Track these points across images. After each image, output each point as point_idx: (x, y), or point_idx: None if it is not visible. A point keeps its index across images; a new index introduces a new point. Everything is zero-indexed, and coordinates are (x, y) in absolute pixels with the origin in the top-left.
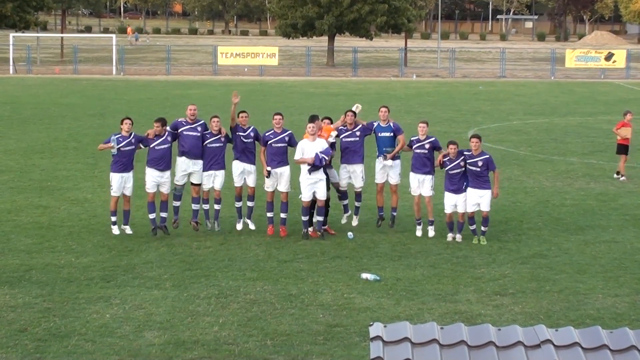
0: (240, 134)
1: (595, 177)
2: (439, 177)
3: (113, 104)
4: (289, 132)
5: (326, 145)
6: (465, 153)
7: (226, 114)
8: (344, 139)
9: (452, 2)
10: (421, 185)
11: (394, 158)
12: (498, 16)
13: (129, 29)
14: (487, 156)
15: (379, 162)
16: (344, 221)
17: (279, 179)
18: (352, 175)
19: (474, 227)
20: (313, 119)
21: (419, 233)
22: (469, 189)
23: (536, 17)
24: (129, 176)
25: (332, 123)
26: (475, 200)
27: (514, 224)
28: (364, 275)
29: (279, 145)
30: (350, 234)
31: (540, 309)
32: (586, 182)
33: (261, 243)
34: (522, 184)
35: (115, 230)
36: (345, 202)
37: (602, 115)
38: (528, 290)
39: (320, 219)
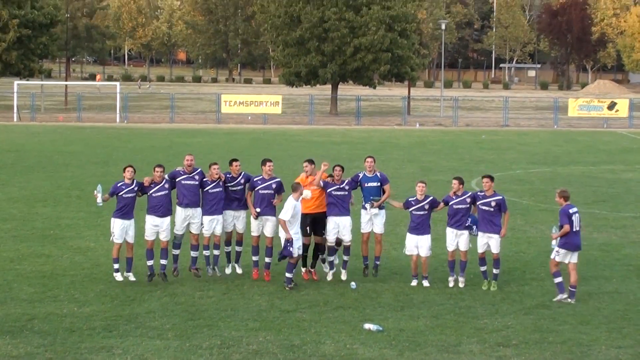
0: (229, 184)
1: (598, 227)
2: (441, 222)
3: (117, 151)
4: (277, 179)
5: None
6: (478, 193)
7: (228, 161)
8: (333, 193)
9: (455, 50)
10: (419, 245)
11: (379, 207)
12: (501, 65)
13: (98, 76)
14: (501, 197)
15: (365, 212)
16: (329, 278)
17: (265, 224)
18: (341, 229)
19: (484, 268)
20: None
21: (414, 283)
22: (479, 232)
23: (539, 65)
24: (130, 223)
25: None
26: (484, 241)
27: (517, 274)
28: (367, 326)
29: (266, 192)
30: (353, 284)
31: None
32: (589, 232)
33: (264, 293)
34: (526, 233)
35: (118, 277)
36: (332, 258)
37: (605, 165)
38: (531, 341)
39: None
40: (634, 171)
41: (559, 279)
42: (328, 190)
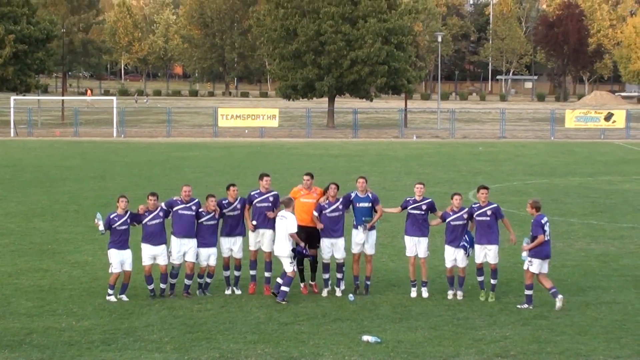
0: (225, 210)
1: (595, 238)
2: (439, 233)
3: (114, 166)
4: (274, 192)
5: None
6: (473, 206)
7: (226, 176)
8: (328, 214)
9: (452, 62)
10: (417, 246)
11: (371, 228)
12: (498, 77)
13: (88, 92)
14: (495, 205)
15: (357, 232)
16: (324, 294)
17: (262, 239)
18: (334, 248)
19: (481, 278)
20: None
21: (413, 294)
22: (476, 245)
23: (536, 77)
24: (127, 253)
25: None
26: (482, 252)
27: (515, 285)
28: (365, 338)
29: (263, 205)
30: (351, 296)
31: None
32: (587, 242)
33: (262, 305)
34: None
35: (111, 298)
36: (326, 276)
37: (602, 176)
38: (529, 352)
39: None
40: (632, 182)
41: (531, 292)
42: (323, 213)
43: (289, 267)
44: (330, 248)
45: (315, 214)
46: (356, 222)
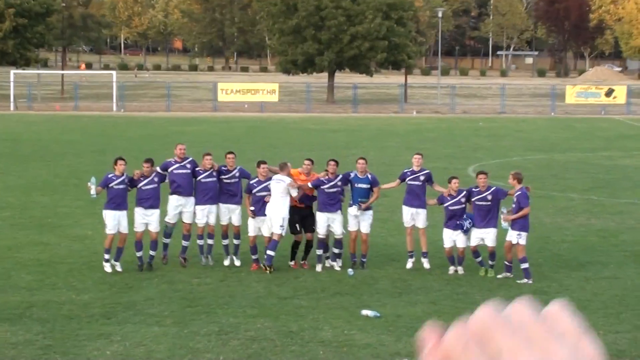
0: (223, 177)
1: (595, 214)
2: (437, 213)
3: (114, 140)
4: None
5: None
6: (473, 189)
7: (224, 150)
8: (325, 190)
9: (452, 38)
10: (415, 217)
11: (367, 208)
12: (498, 52)
13: (81, 65)
14: (494, 188)
15: (352, 211)
16: (318, 269)
17: (262, 225)
18: (331, 223)
19: (479, 259)
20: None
21: (409, 265)
22: (474, 228)
23: (536, 53)
24: (122, 214)
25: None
26: (479, 235)
27: (515, 260)
28: (365, 312)
29: (263, 193)
30: (350, 271)
31: None
32: (586, 218)
33: (261, 280)
34: None
35: (107, 267)
36: (320, 252)
37: (602, 151)
38: None
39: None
40: (631, 157)
41: (527, 264)
42: (321, 188)
43: (278, 229)
44: (327, 223)
45: (310, 185)
46: (352, 201)
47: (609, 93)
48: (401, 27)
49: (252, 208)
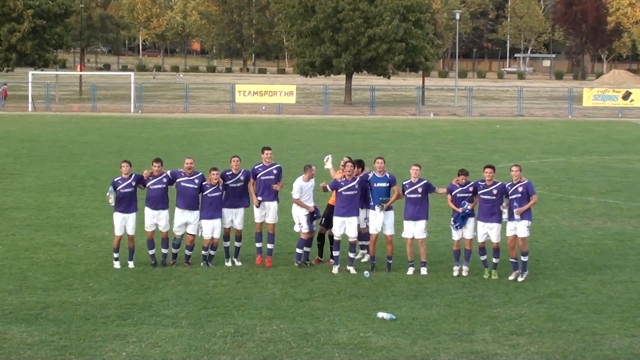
0: (229, 182)
1: (612, 217)
2: (447, 212)
3: (131, 141)
4: (278, 165)
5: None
6: (479, 183)
7: (242, 151)
8: (343, 192)
9: (470, 40)
10: (414, 228)
11: (388, 208)
12: (516, 54)
13: (78, 66)
14: (500, 183)
15: (375, 214)
16: (335, 271)
17: (267, 212)
18: (347, 226)
19: (484, 257)
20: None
21: (410, 272)
22: (479, 222)
23: (554, 55)
24: (130, 216)
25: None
26: (484, 231)
27: (531, 263)
28: (380, 314)
29: (267, 177)
30: (366, 273)
31: (557, 349)
32: (603, 221)
33: (277, 282)
34: (539, 223)
35: (116, 264)
36: (337, 253)
37: (620, 155)
38: (544, 330)
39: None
40: None
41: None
42: (339, 191)
43: (296, 227)
44: (342, 226)
45: (329, 188)
46: (373, 202)
47: (626, 96)
48: (419, 29)
49: (260, 198)
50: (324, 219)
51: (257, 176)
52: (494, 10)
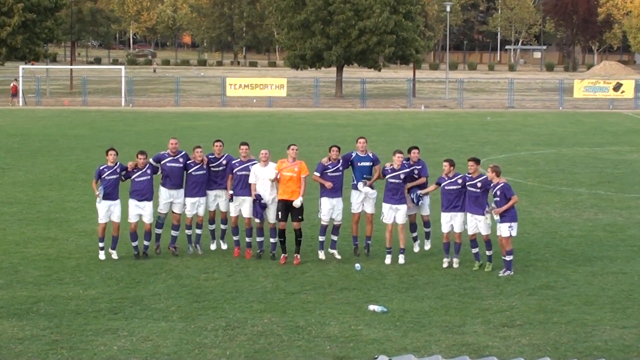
0: (211, 165)
1: (603, 208)
2: (437, 203)
3: (122, 135)
4: (254, 161)
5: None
6: (466, 176)
7: (234, 145)
8: (329, 174)
9: (461, 32)
10: (395, 213)
11: (371, 187)
12: (506, 46)
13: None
14: (485, 176)
15: (357, 193)
16: (321, 257)
17: (242, 205)
18: (334, 209)
19: (475, 250)
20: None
21: (387, 261)
22: (467, 214)
23: (544, 47)
24: (114, 204)
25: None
26: (473, 223)
27: (522, 255)
28: (371, 307)
29: (243, 173)
30: (357, 266)
31: (548, 340)
32: (594, 213)
33: (269, 275)
34: (530, 215)
35: (101, 255)
36: (322, 238)
37: (611, 146)
38: (535, 322)
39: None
40: None
41: (512, 257)
42: (324, 172)
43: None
44: (331, 209)
45: (317, 173)
46: (356, 180)
47: (617, 87)
48: (409, 22)
49: (231, 192)
50: (279, 213)
51: (234, 171)
52: (484, 2)
